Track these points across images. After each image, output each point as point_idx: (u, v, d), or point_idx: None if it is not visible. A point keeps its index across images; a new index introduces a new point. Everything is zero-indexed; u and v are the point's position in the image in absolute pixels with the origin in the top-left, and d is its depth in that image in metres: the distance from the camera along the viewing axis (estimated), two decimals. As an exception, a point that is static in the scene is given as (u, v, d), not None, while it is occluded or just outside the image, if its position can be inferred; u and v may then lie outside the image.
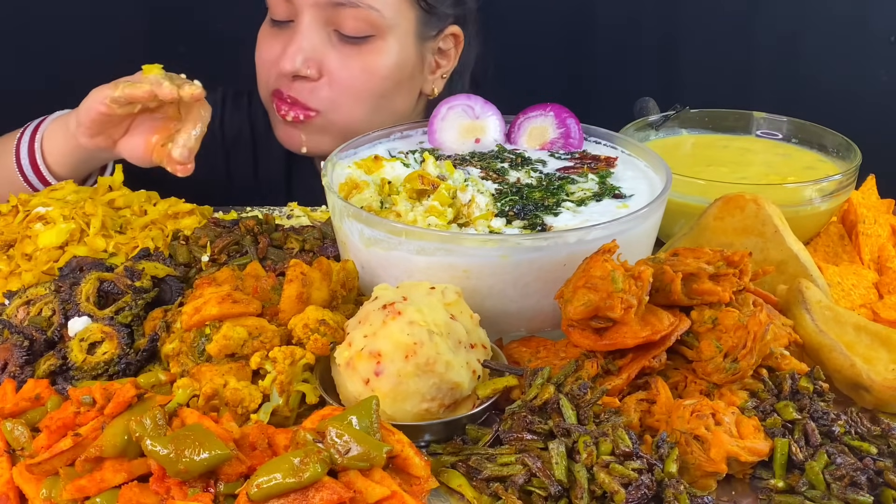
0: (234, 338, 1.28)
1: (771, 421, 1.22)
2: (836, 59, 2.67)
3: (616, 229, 1.36)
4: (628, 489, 1.09)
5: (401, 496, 1.05)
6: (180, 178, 1.65)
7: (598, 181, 1.56)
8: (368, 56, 1.89)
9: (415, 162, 1.62)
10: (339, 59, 1.88)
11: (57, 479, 1.09)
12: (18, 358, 1.33)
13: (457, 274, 1.36)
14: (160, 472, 1.06)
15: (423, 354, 1.20)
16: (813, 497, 1.13)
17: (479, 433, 1.23)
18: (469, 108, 1.73)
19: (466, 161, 1.64)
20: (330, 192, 1.48)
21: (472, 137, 1.72)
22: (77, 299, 1.40)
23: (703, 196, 1.63)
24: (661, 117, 1.95)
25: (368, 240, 1.41)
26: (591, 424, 1.18)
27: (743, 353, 1.26)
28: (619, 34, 2.79)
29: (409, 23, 1.91)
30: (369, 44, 1.88)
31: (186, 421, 1.13)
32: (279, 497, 1.01)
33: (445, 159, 1.63)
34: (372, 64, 1.89)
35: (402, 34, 1.91)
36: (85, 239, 1.63)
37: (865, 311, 1.53)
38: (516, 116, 1.73)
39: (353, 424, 1.10)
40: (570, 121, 1.70)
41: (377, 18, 1.85)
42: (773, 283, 1.46)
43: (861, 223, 1.70)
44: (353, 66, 1.89)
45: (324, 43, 1.88)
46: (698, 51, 2.77)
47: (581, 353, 1.29)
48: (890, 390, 1.29)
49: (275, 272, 1.48)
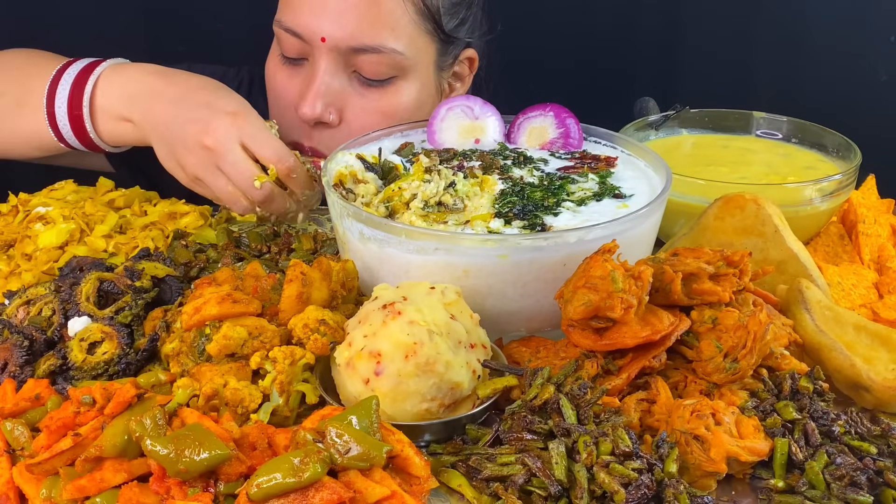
0: (234, 338, 1.28)
1: (771, 421, 1.22)
2: (836, 59, 2.67)
3: (616, 229, 1.36)
4: (628, 489, 1.09)
5: (401, 496, 1.05)
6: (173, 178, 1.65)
7: (598, 181, 1.56)
8: (391, 98, 1.81)
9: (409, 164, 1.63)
10: (362, 103, 1.80)
11: (57, 479, 1.09)
12: (18, 358, 1.33)
13: (457, 274, 1.36)
14: (160, 472, 1.06)
15: (423, 354, 1.20)
16: (813, 497, 1.13)
17: (479, 433, 1.23)
18: (468, 108, 1.73)
19: (468, 157, 1.65)
20: (330, 192, 1.48)
21: (472, 138, 1.72)
22: (77, 299, 1.40)
23: (703, 196, 1.63)
24: (661, 117, 1.95)
25: (368, 239, 1.41)
26: (591, 424, 1.18)
27: (743, 353, 1.26)
28: (620, 34, 2.79)
29: (429, 57, 1.85)
30: (392, 85, 1.80)
31: (186, 421, 1.13)
32: (279, 497, 1.01)
33: (444, 157, 1.63)
34: (394, 106, 1.81)
35: (423, 70, 1.84)
36: (85, 239, 1.63)
37: (865, 311, 1.53)
38: (516, 116, 1.73)
39: (353, 424, 1.10)
40: (570, 121, 1.70)
41: (400, 61, 1.77)
42: (773, 283, 1.46)
43: (861, 223, 1.70)
44: (375, 109, 1.80)
45: (344, 87, 1.78)
46: (698, 51, 2.77)
47: (581, 353, 1.29)
48: (890, 390, 1.29)
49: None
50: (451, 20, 1.86)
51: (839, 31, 2.65)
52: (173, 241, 1.66)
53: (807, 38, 2.68)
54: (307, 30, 1.73)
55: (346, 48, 1.73)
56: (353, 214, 1.43)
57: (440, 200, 1.48)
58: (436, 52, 1.86)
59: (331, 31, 1.71)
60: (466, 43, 1.94)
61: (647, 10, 2.78)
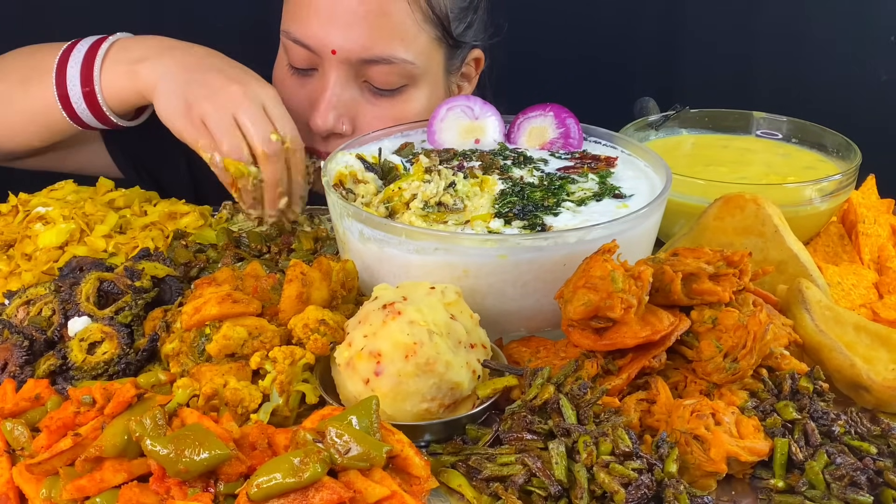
0: (234, 338, 1.28)
1: (771, 421, 1.22)
2: (836, 59, 2.67)
3: (616, 229, 1.36)
4: (628, 489, 1.09)
5: (401, 496, 1.05)
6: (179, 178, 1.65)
7: (598, 181, 1.56)
8: (402, 105, 1.81)
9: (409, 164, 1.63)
10: (374, 112, 1.79)
11: (57, 479, 1.09)
12: (18, 358, 1.33)
13: (456, 274, 1.36)
14: (160, 472, 1.06)
15: (423, 354, 1.20)
16: (813, 497, 1.13)
17: (479, 433, 1.23)
18: (468, 108, 1.73)
19: (467, 157, 1.65)
20: (330, 192, 1.48)
21: (472, 138, 1.72)
22: (77, 299, 1.40)
23: (703, 196, 1.63)
24: (661, 117, 1.95)
25: (368, 239, 1.41)
26: (591, 424, 1.18)
27: (743, 353, 1.26)
28: (620, 34, 2.79)
29: (439, 63, 1.85)
30: (403, 94, 1.80)
31: (186, 421, 1.13)
32: (279, 497, 1.01)
33: (444, 157, 1.63)
34: (405, 113, 1.81)
35: (433, 76, 1.84)
36: (85, 239, 1.63)
37: (865, 311, 1.53)
38: (516, 117, 1.73)
39: (353, 424, 1.10)
40: (570, 121, 1.70)
41: (411, 70, 1.77)
42: (773, 283, 1.46)
43: (861, 223, 1.70)
44: (387, 117, 1.80)
45: (355, 98, 1.78)
46: (698, 50, 2.77)
47: (581, 353, 1.29)
48: (890, 390, 1.29)
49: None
50: (459, 25, 1.85)
51: (839, 31, 2.65)
52: (173, 241, 1.66)
53: (807, 38, 2.69)
54: (317, 42, 1.72)
55: (356, 60, 1.72)
56: (353, 214, 1.43)
57: (440, 200, 1.48)
58: (444, 58, 1.85)
59: (341, 44, 1.70)
60: (473, 44, 1.94)
61: (647, 10, 2.78)
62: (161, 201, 1.80)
